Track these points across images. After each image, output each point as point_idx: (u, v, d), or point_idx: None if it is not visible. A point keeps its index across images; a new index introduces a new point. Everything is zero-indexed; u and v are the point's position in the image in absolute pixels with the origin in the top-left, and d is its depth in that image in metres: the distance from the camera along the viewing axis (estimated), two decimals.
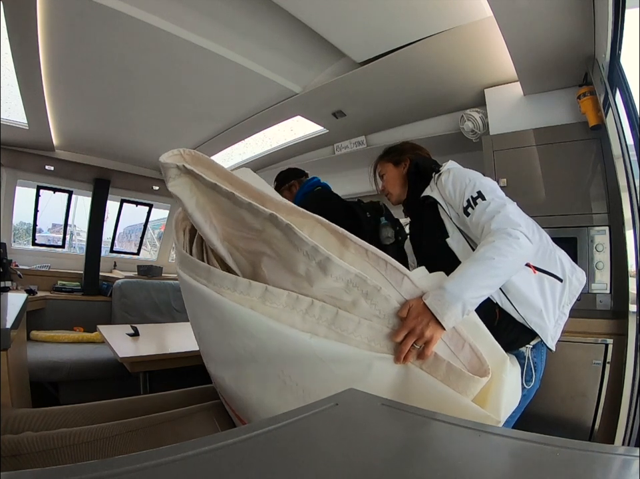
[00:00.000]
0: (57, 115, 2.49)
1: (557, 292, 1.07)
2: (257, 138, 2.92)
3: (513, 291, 1.03)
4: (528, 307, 1.03)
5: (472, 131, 2.17)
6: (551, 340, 1.07)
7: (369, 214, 1.75)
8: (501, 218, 0.97)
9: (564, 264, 1.10)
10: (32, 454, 0.77)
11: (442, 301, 0.78)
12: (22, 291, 2.72)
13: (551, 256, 1.09)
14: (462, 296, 0.79)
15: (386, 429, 0.55)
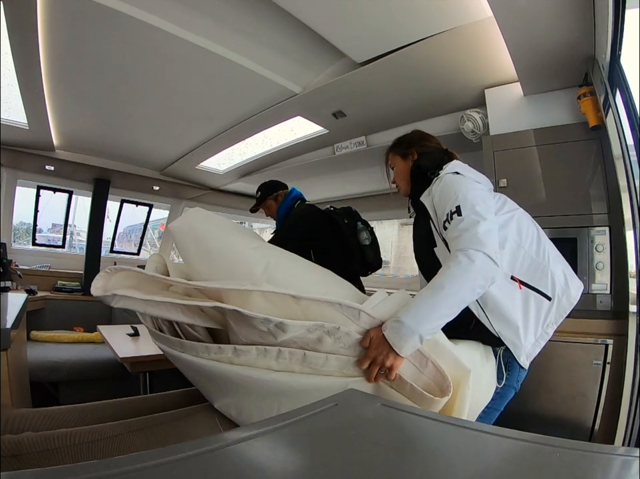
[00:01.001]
0: (57, 115, 2.49)
1: (542, 311, 1.05)
2: (257, 138, 2.92)
3: (492, 305, 1.02)
4: (505, 322, 1.02)
5: (472, 131, 2.17)
6: (525, 358, 1.03)
7: (346, 220, 1.91)
8: (467, 237, 0.94)
9: (556, 281, 1.06)
10: (32, 454, 0.77)
11: (399, 334, 0.82)
12: (22, 291, 2.72)
13: (543, 272, 1.06)
14: (418, 329, 0.82)
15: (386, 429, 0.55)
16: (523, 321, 1.02)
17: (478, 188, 1.07)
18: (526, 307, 1.04)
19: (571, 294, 1.07)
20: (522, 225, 1.11)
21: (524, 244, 1.09)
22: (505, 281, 1.04)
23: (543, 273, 1.06)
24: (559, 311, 1.06)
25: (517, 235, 1.08)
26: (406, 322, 0.82)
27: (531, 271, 1.06)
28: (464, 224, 0.97)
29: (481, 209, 0.98)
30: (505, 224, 1.09)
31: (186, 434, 0.91)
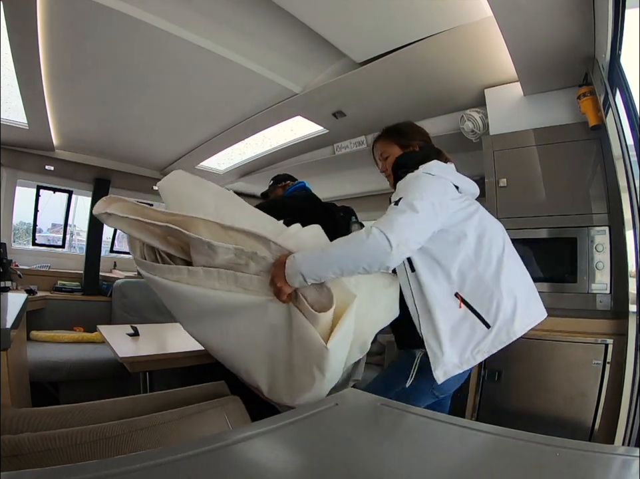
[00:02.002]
0: (57, 115, 2.49)
1: (475, 336, 1.02)
2: (257, 138, 2.92)
3: (427, 311, 1.05)
4: (433, 332, 1.03)
5: (472, 131, 2.17)
6: (441, 374, 1.02)
7: (342, 214, 1.96)
8: (384, 219, 0.97)
9: (500, 311, 1.02)
10: (32, 454, 0.77)
11: (291, 268, 0.94)
12: (22, 291, 2.72)
13: (490, 298, 1.03)
14: (304, 271, 0.93)
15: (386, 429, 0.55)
16: (451, 339, 1.02)
17: (438, 191, 1.05)
18: (459, 327, 1.03)
19: (513, 328, 1.03)
20: (485, 245, 1.08)
21: (479, 264, 1.06)
22: (449, 295, 1.05)
23: (489, 299, 1.03)
24: (494, 342, 1.02)
25: (473, 254, 1.06)
26: (297, 262, 0.93)
27: (477, 293, 1.04)
28: (392, 210, 0.99)
29: (420, 204, 0.97)
30: (461, 239, 1.06)
31: (195, 433, 0.91)
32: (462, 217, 1.09)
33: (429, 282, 1.06)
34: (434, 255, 1.06)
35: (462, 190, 1.17)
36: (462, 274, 1.05)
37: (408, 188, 1.04)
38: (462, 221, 1.08)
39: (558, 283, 1.79)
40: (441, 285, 1.06)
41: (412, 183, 1.06)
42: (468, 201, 1.14)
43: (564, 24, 1.45)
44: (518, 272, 1.12)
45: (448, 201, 1.06)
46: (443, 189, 1.07)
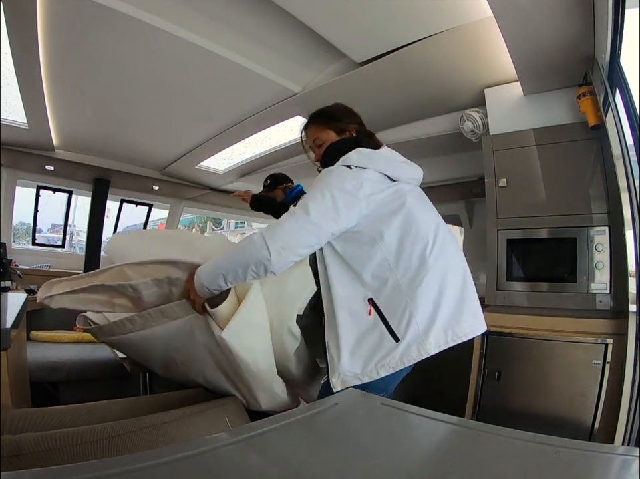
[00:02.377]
0: (57, 115, 2.49)
1: (382, 348, 0.93)
2: (257, 138, 2.92)
3: (331, 318, 0.98)
4: (334, 338, 0.97)
5: (471, 131, 2.17)
6: (337, 381, 0.95)
7: None
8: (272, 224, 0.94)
9: (412, 325, 0.92)
10: (32, 455, 0.77)
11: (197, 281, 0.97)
12: (22, 291, 2.72)
13: (404, 309, 0.93)
14: (203, 282, 0.96)
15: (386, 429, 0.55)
16: (354, 347, 0.94)
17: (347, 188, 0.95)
18: (366, 336, 0.94)
19: (425, 345, 0.93)
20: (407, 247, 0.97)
21: (397, 270, 0.96)
22: (359, 300, 0.96)
23: (403, 310, 0.93)
24: (402, 358, 0.92)
25: (393, 258, 0.96)
26: (198, 275, 0.97)
27: (393, 302, 0.94)
28: (286, 214, 0.94)
29: (315, 206, 0.92)
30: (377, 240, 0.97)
31: (195, 433, 0.91)
32: (382, 215, 0.99)
33: (337, 284, 0.99)
34: (344, 256, 0.99)
35: (396, 178, 1.06)
36: (378, 279, 0.96)
37: (316, 185, 0.98)
38: (380, 220, 0.99)
39: (558, 282, 1.79)
40: (351, 288, 0.98)
41: (321, 179, 0.99)
42: (397, 194, 1.02)
43: (564, 24, 1.45)
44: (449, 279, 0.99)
45: (361, 198, 0.96)
46: (356, 184, 0.96)
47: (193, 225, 13.14)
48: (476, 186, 2.84)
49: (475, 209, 3.24)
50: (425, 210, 1.08)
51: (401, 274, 0.96)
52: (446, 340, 0.96)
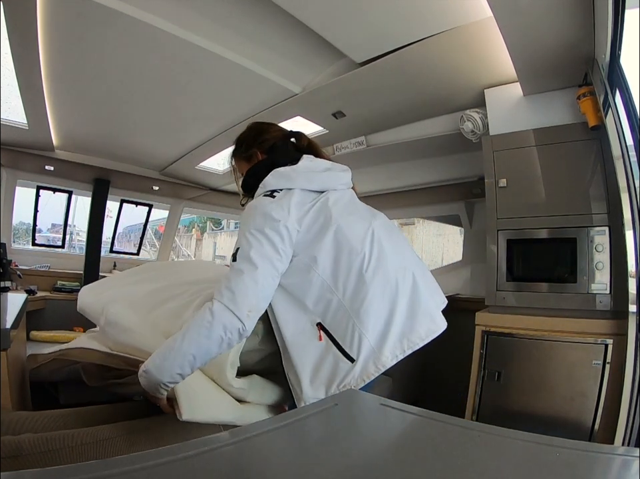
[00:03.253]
0: (57, 115, 2.49)
1: (340, 371, 0.92)
2: None
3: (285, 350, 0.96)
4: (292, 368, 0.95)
5: (471, 131, 2.17)
6: None
7: None
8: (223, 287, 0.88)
9: (363, 344, 0.92)
10: (32, 455, 0.77)
11: (148, 384, 0.85)
12: (22, 291, 2.72)
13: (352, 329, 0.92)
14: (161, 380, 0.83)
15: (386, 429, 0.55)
16: (313, 375, 0.93)
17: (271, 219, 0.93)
18: (322, 362, 0.93)
19: (381, 359, 0.92)
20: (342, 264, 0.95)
21: (337, 290, 0.94)
22: (309, 327, 0.95)
23: (352, 331, 0.92)
24: (362, 376, 0.92)
25: (330, 279, 0.95)
26: (150, 374, 0.84)
27: (339, 323, 0.93)
28: (230, 272, 0.90)
29: (256, 254, 0.89)
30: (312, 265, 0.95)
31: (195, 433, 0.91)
32: (312, 238, 0.97)
33: (283, 314, 0.97)
34: (285, 286, 0.96)
35: (321, 189, 1.05)
36: (322, 302, 0.95)
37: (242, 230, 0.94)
38: (312, 244, 0.97)
39: (558, 283, 1.79)
40: (298, 316, 0.96)
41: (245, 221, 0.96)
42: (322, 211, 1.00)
43: (564, 25, 1.45)
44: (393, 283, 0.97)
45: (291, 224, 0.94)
46: (284, 214, 0.94)
47: (193, 225, 13.15)
48: (476, 186, 2.84)
49: (475, 209, 3.24)
50: (355, 220, 1.03)
51: (341, 294, 0.94)
52: (402, 349, 0.96)
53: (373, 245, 0.98)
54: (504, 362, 1.79)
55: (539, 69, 1.74)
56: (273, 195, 0.99)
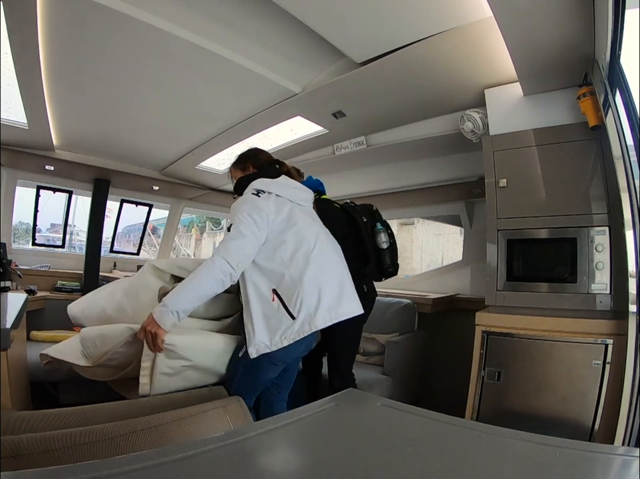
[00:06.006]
0: (57, 115, 2.49)
1: (283, 325, 1.27)
2: (257, 138, 2.92)
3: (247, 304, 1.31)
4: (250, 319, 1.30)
5: (471, 131, 2.17)
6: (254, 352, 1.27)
7: (365, 219, 1.91)
8: (221, 246, 1.28)
9: (303, 307, 1.27)
10: (32, 455, 0.77)
11: (162, 313, 1.19)
12: (22, 291, 2.72)
13: (297, 295, 1.28)
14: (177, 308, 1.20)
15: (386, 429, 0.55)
16: (264, 325, 1.28)
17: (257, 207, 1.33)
18: (271, 316, 1.29)
19: (315, 322, 1.28)
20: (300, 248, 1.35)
21: (291, 266, 1.32)
22: (267, 291, 1.31)
23: (296, 296, 1.28)
24: (299, 332, 1.27)
25: (288, 258, 1.33)
26: (168, 303, 1.19)
27: (289, 290, 1.30)
28: (226, 237, 1.30)
29: (245, 228, 1.29)
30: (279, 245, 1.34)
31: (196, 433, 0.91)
32: (284, 228, 1.37)
33: (251, 281, 1.33)
34: (256, 260, 1.33)
35: (291, 199, 1.46)
36: (278, 274, 1.32)
37: (236, 212, 1.34)
38: (281, 232, 1.36)
39: (558, 283, 1.79)
40: (261, 282, 1.32)
41: (238, 207, 1.35)
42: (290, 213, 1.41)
43: (564, 25, 1.45)
44: (327, 272, 1.38)
45: (271, 215, 1.35)
46: (265, 206, 1.35)
47: (193, 225, 13.15)
48: (476, 186, 2.84)
49: (475, 209, 3.24)
50: (310, 224, 1.47)
51: (293, 270, 1.32)
52: (330, 318, 1.32)
53: (317, 242, 1.40)
54: (504, 362, 1.79)
55: (539, 69, 1.74)
56: (259, 194, 1.39)
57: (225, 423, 1.00)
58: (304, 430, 0.50)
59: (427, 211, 3.88)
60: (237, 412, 1.07)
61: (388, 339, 2.48)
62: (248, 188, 1.44)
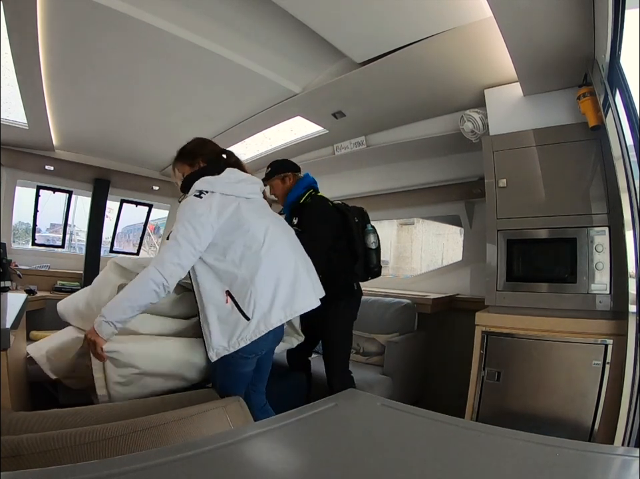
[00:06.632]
0: (57, 115, 2.49)
1: (239, 326, 1.25)
2: (257, 138, 2.92)
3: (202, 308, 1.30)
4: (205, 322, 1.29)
5: (471, 131, 2.17)
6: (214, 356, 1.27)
7: (357, 219, 1.95)
8: (157, 256, 1.26)
9: (257, 307, 1.25)
10: (32, 455, 0.77)
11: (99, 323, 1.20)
12: (22, 291, 2.72)
13: (250, 296, 1.25)
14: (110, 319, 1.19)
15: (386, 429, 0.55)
16: (220, 328, 1.27)
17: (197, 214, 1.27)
18: (227, 318, 1.27)
19: (269, 321, 1.26)
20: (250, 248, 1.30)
21: (242, 267, 1.29)
22: (220, 293, 1.28)
23: (249, 296, 1.26)
24: (255, 332, 1.25)
25: (239, 258, 1.29)
26: (104, 314, 1.19)
27: (241, 291, 1.27)
28: (164, 246, 1.27)
29: (182, 237, 1.24)
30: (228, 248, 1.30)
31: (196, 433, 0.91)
32: (230, 228, 1.31)
33: (203, 284, 1.31)
34: (208, 262, 1.31)
35: (237, 194, 1.38)
36: (230, 275, 1.29)
37: (178, 218, 1.29)
38: (230, 232, 1.31)
39: (558, 283, 1.79)
40: (213, 285, 1.30)
41: (180, 213, 1.30)
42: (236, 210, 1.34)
43: (564, 25, 1.45)
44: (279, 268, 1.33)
45: (212, 218, 1.29)
46: (207, 210, 1.29)
47: None
48: (476, 186, 2.84)
49: (475, 209, 3.24)
50: (258, 218, 1.40)
51: (244, 270, 1.28)
52: (285, 315, 1.30)
53: (267, 237, 1.34)
54: (504, 362, 1.79)
55: (539, 69, 1.74)
56: (201, 196, 1.32)
57: (225, 423, 1.00)
58: (304, 430, 0.50)
59: (427, 211, 3.88)
60: (237, 412, 1.07)
61: (388, 339, 2.48)
62: (191, 189, 1.36)
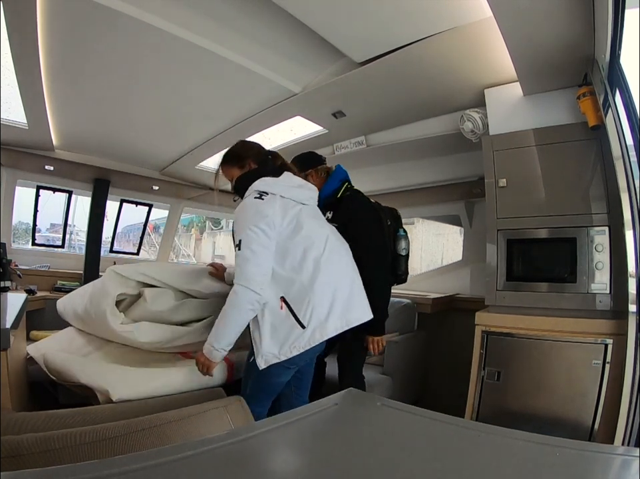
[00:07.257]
0: (57, 115, 2.49)
1: (293, 334, 1.22)
2: (257, 138, 2.92)
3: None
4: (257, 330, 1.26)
5: (471, 131, 2.17)
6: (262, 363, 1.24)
7: (389, 222, 1.89)
8: (239, 272, 1.22)
9: (314, 315, 1.22)
10: (32, 455, 0.77)
11: (210, 351, 1.23)
12: (22, 291, 2.72)
13: (308, 303, 1.23)
14: (220, 346, 1.22)
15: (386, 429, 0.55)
16: (271, 334, 1.24)
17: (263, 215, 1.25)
18: (280, 325, 1.24)
19: (326, 329, 1.23)
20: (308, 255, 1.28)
21: (300, 273, 1.26)
22: (274, 298, 1.25)
23: (306, 303, 1.23)
24: (309, 341, 1.22)
25: (297, 264, 1.27)
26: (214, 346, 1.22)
27: (298, 298, 1.24)
28: (239, 259, 1.23)
29: (256, 245, 1.22)
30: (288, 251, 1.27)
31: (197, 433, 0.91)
32: (292, 232, 1.29)
33: None
34: None
35: (296, 199, 1.37)
36: (288, 280, 1.26)
37: (242, 225, 1.26)
38: (291, 236, 1.29)
39: (558, 283, 1.79)
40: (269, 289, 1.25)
41: (243, 216, 1.28)
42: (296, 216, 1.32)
43: (564, 25, 1.45)
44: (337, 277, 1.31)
45: (278, 219, 1.27)
46: (271, 211, 1.27)
47: (193, 224, 13.14)
48: (476, 186, 2.84)
49: (475, 209, 3.24)
50: (318, 226, 1.40)
51: (303, 276, 1.25)
52: (341, 325, 1.27)
53: (327, 245, 1.33)
54: (504, 362, 1.79)
55: (539, 69, 1.74)
56: (262, 197, 1.29)
57: (225, 423, 1.00)
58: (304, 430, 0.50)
59: (427, 211, 3.88)
60: (237, 412, 1.07)
61: (388, 339, 2.48)
62: (249, 190, 1.35)
